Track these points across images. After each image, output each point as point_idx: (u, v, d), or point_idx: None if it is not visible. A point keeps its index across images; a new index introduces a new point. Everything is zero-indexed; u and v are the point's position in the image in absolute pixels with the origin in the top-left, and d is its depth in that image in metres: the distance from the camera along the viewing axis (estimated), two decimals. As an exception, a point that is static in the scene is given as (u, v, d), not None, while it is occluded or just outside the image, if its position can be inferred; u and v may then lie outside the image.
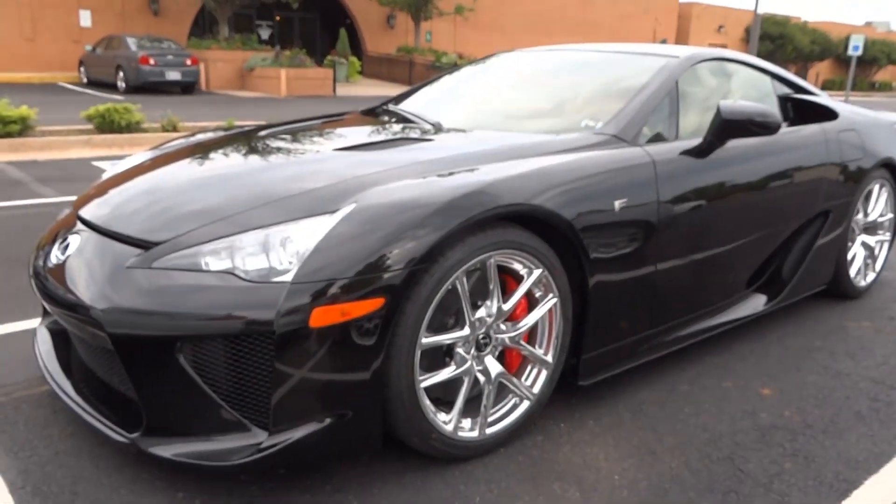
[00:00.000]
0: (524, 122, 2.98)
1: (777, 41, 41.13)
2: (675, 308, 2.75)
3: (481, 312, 2.14)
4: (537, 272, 2.18)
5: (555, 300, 2.26)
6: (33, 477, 2.03)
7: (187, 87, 18.91)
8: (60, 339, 2.39)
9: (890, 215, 3.98)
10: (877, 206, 3.88)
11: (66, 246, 2.22)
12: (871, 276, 3.97)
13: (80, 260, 2.12)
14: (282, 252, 1.88)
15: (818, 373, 2.92)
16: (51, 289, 2.13)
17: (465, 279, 2.03)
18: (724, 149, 2.82)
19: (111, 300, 1.92)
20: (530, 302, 2.27)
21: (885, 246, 4.03)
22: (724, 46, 41.71)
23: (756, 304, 3.22)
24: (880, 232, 3.98)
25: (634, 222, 2.42)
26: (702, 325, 2.91)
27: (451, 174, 2.18)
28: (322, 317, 1.80)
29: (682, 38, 40.11)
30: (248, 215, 2.03)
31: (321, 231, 1.89)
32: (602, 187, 2.34)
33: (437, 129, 2.86)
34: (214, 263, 1.90)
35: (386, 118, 3.22)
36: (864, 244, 3.89)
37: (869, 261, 3.94)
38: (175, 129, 9.63)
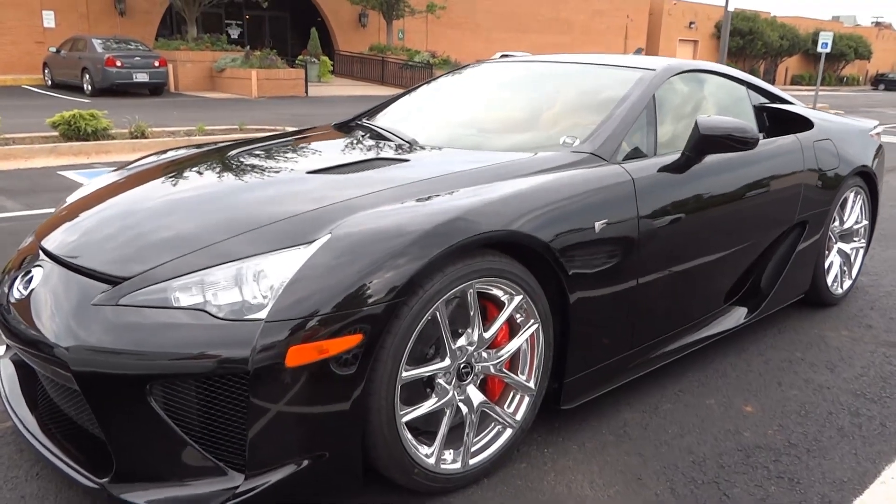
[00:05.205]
0: (502, 138, 2.93)
1: (747, 37, 41.65)
2: (657, 325, 2.72)
3: (462, 341, 2.09)
4: (518, 298, 2.14)
5: (536, 325, 2.21)
6: (-3, 524, 1.94)
7: (156, 89, 18.61)
8: (25, 371, 2.29)
9: (865, 222, 4.00)
10: (852, 213, 3.90)
11: (30, 279, 2.13)
12: (847, 283, 3.99)
13: (44, 295, 2.03)
14: (255, 287, 1.81)
15: (799, 387, 2.91)
16: (12, 324, 2.04)
17: (444, 308, 1.98)
18: (702, 162, 2.79)
19: (77, 338, 1.83)
20: (511, 328, 2.22)
21: (861, 253, 4.06)
22: (695, 42, 42.42)
23: (737, 317, 3.21)
24: (856, 239, 4.00)
25: (615, 241, 2.38)
26: (683, 341, 2.89)
27: (429, 199, 2.12)
28: (298, 355, 1.73)
29: (653, 35, 40.44)
30: (221, 246, 1.96)
31: (296, 264, 1.82)
32: (581, 208, 2.30)
33: (413, 147, 2.80)
34: (185, 299, 1.82)
35: (360, 134, 3.15)
36: (840, 251, 3.91)
37: (845, 268, 3.96)
38: (144, 136, 9.45)
